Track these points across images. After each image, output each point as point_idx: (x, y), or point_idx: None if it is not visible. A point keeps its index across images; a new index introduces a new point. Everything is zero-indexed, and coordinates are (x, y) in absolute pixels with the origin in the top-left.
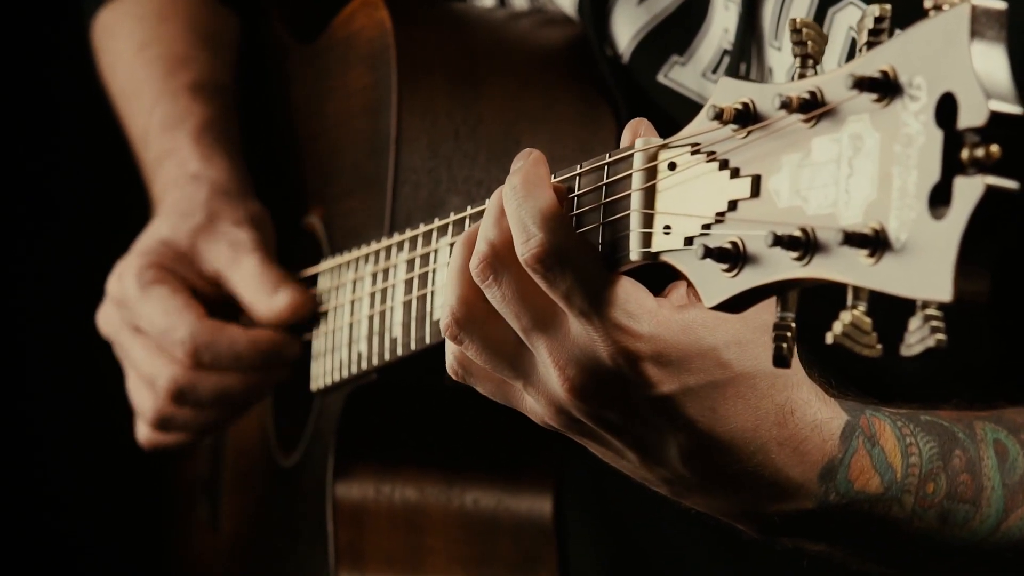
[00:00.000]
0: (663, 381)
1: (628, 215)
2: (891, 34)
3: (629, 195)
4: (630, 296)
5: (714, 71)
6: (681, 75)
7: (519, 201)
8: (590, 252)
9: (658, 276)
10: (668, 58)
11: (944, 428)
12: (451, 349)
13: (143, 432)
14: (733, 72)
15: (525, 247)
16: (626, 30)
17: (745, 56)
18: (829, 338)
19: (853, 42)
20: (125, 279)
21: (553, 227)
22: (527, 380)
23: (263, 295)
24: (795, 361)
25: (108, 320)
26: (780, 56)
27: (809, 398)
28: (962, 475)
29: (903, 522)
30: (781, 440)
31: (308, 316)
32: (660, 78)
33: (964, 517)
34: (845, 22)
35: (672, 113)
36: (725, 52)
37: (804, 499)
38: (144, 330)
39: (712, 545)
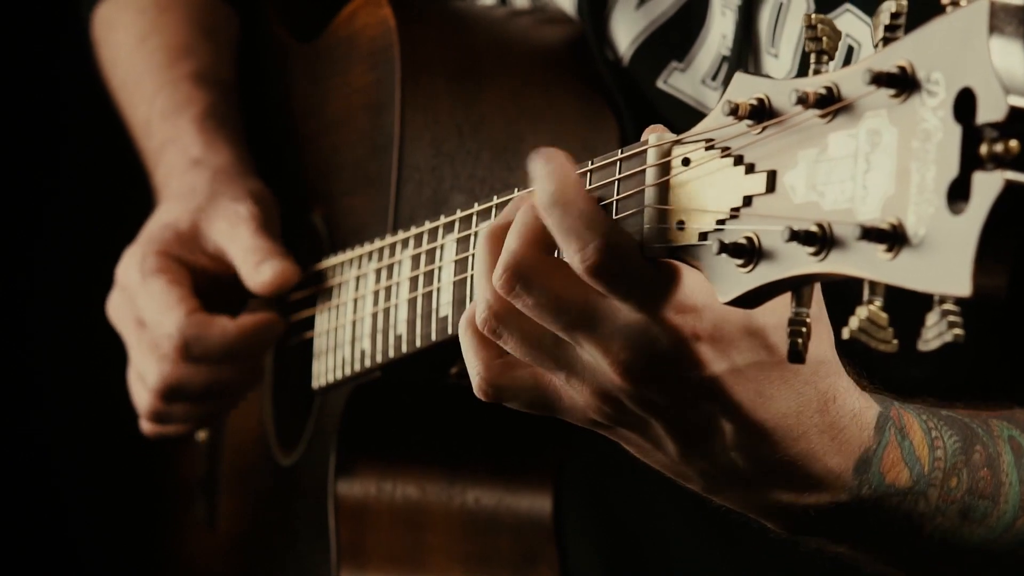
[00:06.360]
0: (713, 360)
1: (641, 211)
2: (907, 30)
3: (643, 191)
4: (685, 275)
5: (713, 78)
6: (680, 81)
7: (563, 209)
8: (635, 243)
9: None
10: (668, 64)
11: (964, 423)
12: (477, 371)
13: (142, 424)
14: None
15: (583, 255)
16: (625, 34)
17: (743, 63)
18: (846, 333)
19: (850, 49)
20: (130, 266)
21: (606, 230)
22: (571, 370)
23: (251, 267)
24: (834, 352)
25: (116, 308)
26: (776, 63)
27: (849, 386)
28: (982, 470)
29: (926, 518)
30: (822, 427)
31: (293, 285)
32: (659, 84)
33: (983, 513)
34: (841, 30)
35: (671, 119)
36: (724, 58)
37: (839, 491)
38: (145, 323)
39: (711, 544)
